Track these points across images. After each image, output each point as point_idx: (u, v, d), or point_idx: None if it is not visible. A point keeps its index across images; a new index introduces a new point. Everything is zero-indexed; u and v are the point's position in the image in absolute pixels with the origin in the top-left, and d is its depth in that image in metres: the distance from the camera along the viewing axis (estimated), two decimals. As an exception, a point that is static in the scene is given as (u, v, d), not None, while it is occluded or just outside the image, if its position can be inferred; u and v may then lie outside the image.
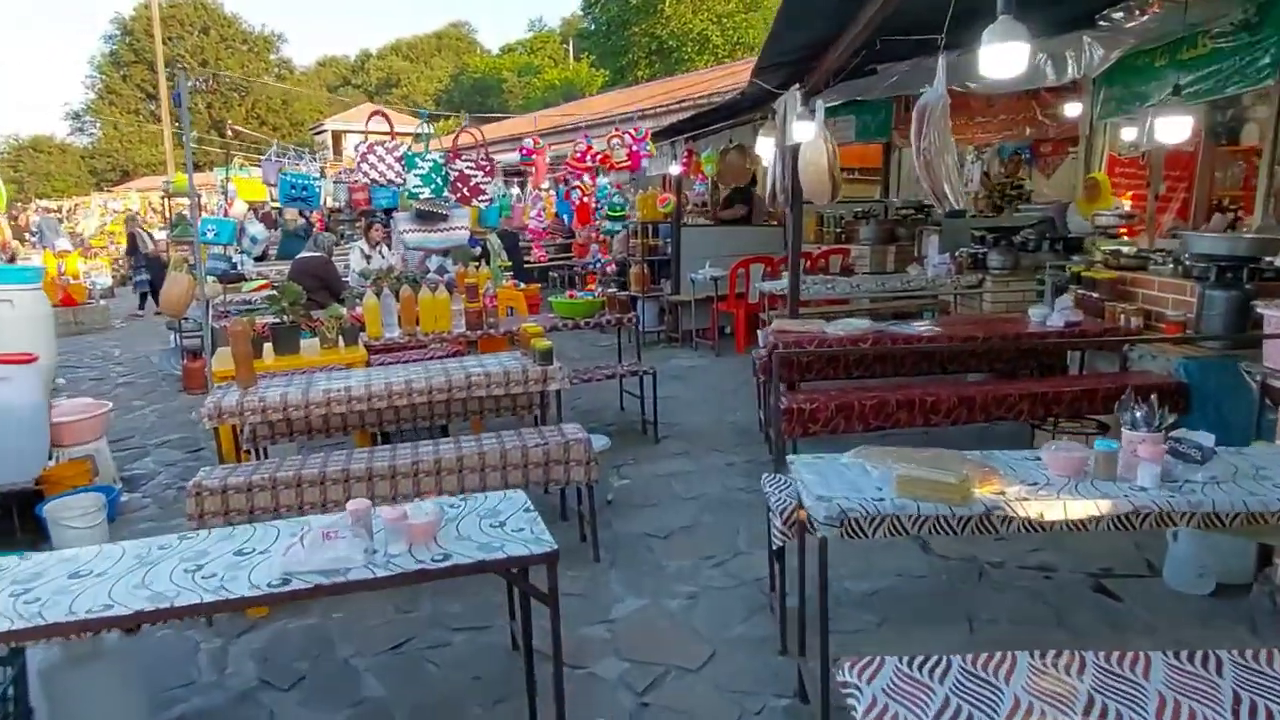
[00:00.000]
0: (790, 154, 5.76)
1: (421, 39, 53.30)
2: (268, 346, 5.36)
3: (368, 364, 5.62)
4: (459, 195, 5.41)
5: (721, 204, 10.31)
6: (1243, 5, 6.32)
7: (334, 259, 9.10)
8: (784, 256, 9.54)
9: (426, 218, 5.50)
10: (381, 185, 5.27)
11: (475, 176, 5.48)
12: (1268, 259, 4.96)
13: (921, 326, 5.26)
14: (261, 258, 12.03)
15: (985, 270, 7.52)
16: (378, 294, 5.83)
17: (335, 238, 8.58)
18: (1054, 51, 6.70)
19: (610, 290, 6.65)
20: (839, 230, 9.94)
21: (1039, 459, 2.78)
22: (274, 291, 5.66)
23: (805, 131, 4.88)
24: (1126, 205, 8.58)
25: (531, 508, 2.63)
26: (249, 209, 11.42)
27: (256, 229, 10.56)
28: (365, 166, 5.24)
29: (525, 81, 39.77)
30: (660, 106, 12.33)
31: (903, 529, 2.45)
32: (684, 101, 11.73)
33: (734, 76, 11.96)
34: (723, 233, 10.18)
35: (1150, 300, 5.44)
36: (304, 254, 8.05)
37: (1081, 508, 2.44)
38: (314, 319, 5.67)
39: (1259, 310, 4.05)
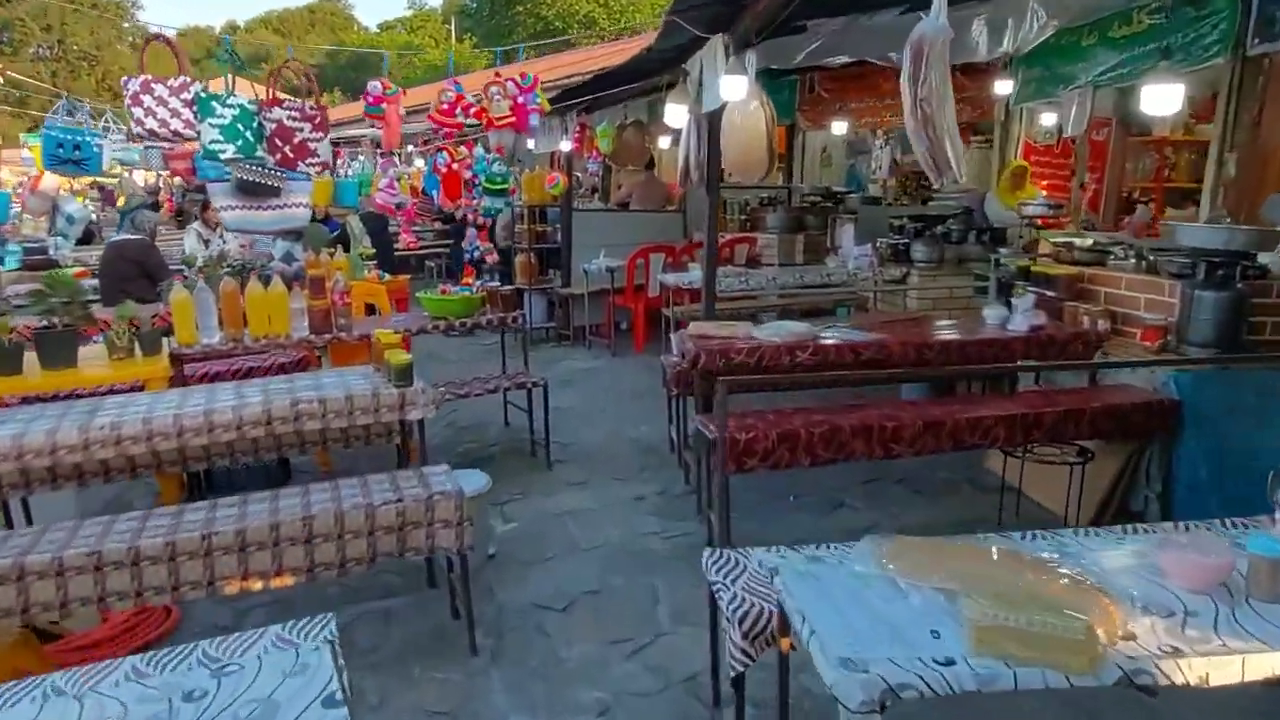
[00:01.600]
0: (708, 122, 4.70)
1: (294, 12, 49.75)
2: (31, 357, 3.95)
3: (181, 380, 4.29)
4: (279, 156, 4.03)
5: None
6: (1189, -24, 5.67)
7: (166, 243, 7.59)
8: (686, 245, 8.52)
9: (252, 191, 4.15)
10: (167, 139, 3.88)
11: (300, 131, 4.09)
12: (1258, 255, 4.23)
13: (867, 333, 4.31)
14: (88, 240, 10.18)
15: (909, 263, 6.70)
16: (190, 287, 4.46)
17: (158, 217, 7.02)
18: (993, 18, 5.90)
19: (492, 284, 5.44)
20: (744, 218, 9.00)
21: (1144, 556, 1.81)
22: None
23: (735, 89, 3.82)
24: (1042, 195, 7.97)
25: (339, 696, 1.41)
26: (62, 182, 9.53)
27: (73, 207, 8.76)
28: (139, 112, 3.81)
29: (405, 60, 37.46)
30: (549, 83, 11.09)
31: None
32: (573, 76, 10.52)
33: (629, 55, 10.84)
34: (619, 219, 9.09)
35: (1115, 300, 4.65)
36: (120, 237, 6.54)
37: (1269, 663, 1.46)
38: (100, 321, 4.26)
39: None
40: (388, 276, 6.71)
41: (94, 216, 10.97)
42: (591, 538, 4.06)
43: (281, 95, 4.26)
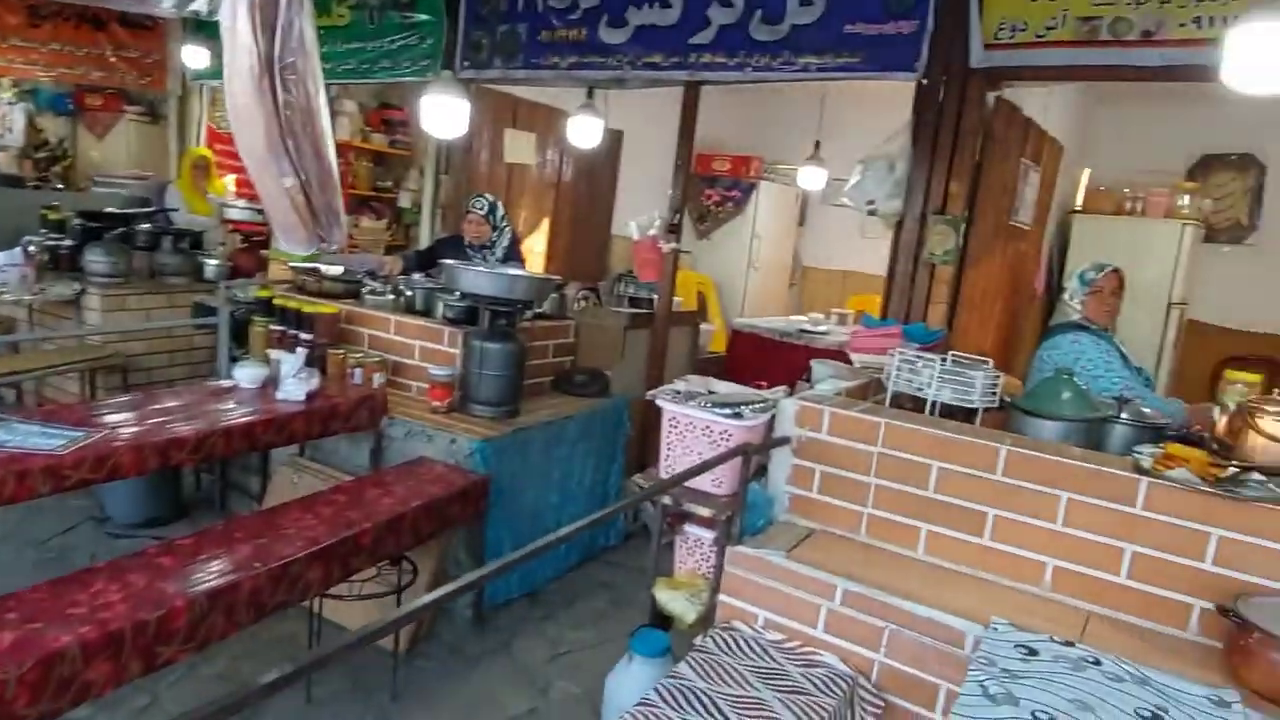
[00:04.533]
0: None
1: None
2: None
3: None
4: None
5: None
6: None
7: None
8: None
9: None
10: None
11: None
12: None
13: (70, 431, 2.54)
14: None
15: (83, 276, 4.70)
16: None
17: None
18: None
19: None
20: None
21: None
22: None
23: None
24: (233, 190, 6.69)
25: None
26: None
27: None
28: None
29: None
30: None
31: None
32: None
33: None
34: None
35: (383, 346, 3.83)
36: None
37: None
38: None
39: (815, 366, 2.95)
40: None
41: None
42: None
43: None
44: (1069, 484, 2.13)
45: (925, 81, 3.59)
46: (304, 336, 3.70)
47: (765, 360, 5.46)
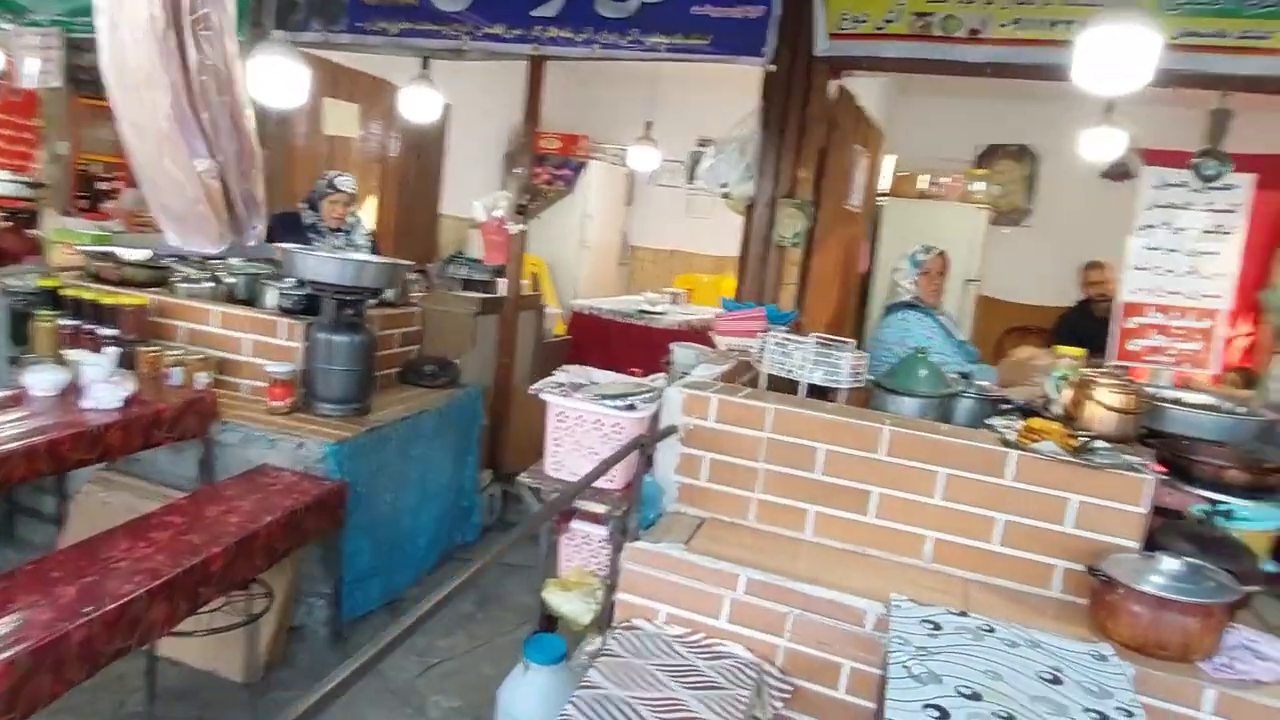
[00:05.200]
0: None
1: None
2: None
3: None
4: None
5: None
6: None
7: None
8: None
9: None
10: None
11: None
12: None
13: None
14: None
15: None
16: None
17: None
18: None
19: None
20: None
21: None
22: None
23: None
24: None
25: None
26: None
27: None
28: None
29: None
30: None
31: None
32: None
33: None
34: None
35: (205, 340, 3.40)
36: None
37: None
38: None
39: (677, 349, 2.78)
40: None
41: None
42: None
43: None
44: (946, 460, 2.24)
45: (774, 67, 3.65)
46: (104, 332, 3.22)
47: (608, 342, 5.44)
